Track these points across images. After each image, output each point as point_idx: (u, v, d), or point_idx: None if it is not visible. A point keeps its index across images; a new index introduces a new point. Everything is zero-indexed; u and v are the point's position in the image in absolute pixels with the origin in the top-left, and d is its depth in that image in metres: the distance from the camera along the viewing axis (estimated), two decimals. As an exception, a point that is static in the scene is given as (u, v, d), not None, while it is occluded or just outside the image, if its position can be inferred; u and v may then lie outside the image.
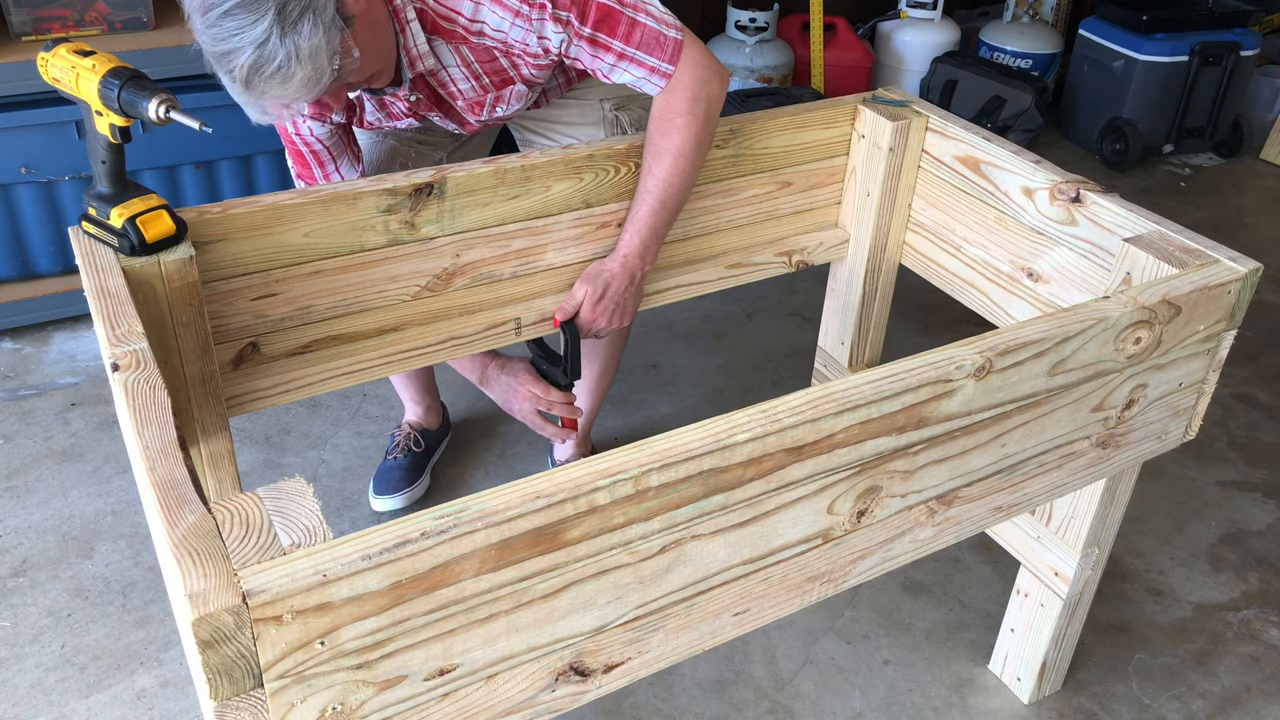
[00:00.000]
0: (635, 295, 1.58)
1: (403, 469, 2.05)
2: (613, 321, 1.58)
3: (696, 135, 1.49)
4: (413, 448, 2.08)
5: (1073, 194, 1.49)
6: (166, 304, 1.21)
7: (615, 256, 1.55)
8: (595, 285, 1.54)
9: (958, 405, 1.12)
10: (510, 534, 0.88)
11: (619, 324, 1.60)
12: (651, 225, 1.53)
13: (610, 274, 1.55)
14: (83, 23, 2.36)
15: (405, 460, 2.06)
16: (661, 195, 1.51)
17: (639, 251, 1.54)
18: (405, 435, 2.09)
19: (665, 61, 1.46)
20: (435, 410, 2.16)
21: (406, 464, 2.06)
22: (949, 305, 1.93)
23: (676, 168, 1.50)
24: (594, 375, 1.96)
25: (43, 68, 1.20)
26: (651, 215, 1.52)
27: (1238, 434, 2.37)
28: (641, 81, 1.48)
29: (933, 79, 3.66)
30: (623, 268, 1.55)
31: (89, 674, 1.69)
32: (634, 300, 1.59)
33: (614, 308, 1.57)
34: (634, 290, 1.57)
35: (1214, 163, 3.76)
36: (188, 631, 0.77)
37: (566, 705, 1.04)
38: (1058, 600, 1.58)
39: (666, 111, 1.49)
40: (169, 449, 0.91)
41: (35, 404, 2.27)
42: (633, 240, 1.54)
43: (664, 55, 1.45)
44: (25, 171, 2.30)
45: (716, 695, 1.70)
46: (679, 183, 1.51)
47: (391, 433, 2.13)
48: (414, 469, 2.07)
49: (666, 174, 1.50)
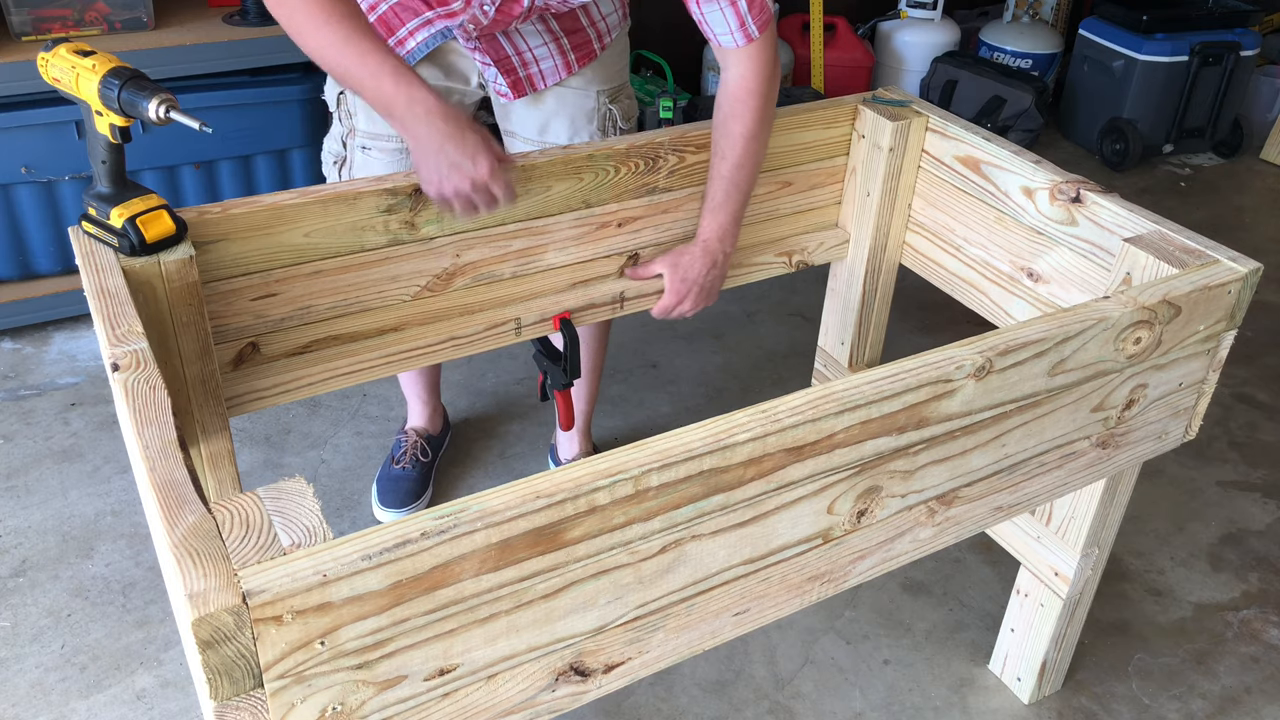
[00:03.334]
0: (719, 277, 1.62)
1: (410, 480, 2.04)
2: (698, 303, 1.61)
3: (770, 116, 1.53)
4: (420, 457, 2.07)
5: (1073, 194, 1.49)
6: (166, 304, 1.21)
7: (696, 242, 1.59)
8: (676, 271, 1.58)
9: (958, 405, 1.12)
10: (510, 534, 0.88)
11: (704, 304, 1.63)
12: (729, 209, 1.56)
13: (692, 258, 1.58)
14: (83, 23, 2.36)
15: (413, 471, 2.05)
16: (738, 179, 1.54)
17: (718, 236, 1.57)
18: (412, 444, 2.08)
19: (756, 25, 1.45)
20: (439, 413, 2.15)
21: (415, 475, 2.05)
22: (949, 305, 1.93)
23: (750, 150, 1.52)
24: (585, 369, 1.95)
25: (43, 68, 1.20)
26: (729, 199, 1.55)
27: (1238, 434, 2.37)
28: (726, 28, 1.45)
29: (933, 79, 3.66)
30: (704, 252, 1.58)
31: (89, 674, 1.69)
32: (718, 281, 1.62)
33: (698, 290, 1.60)
34: (717, 273, 1.60)
35: (1214, 163, 3.76)
36: (188, 631, 0.77)
37: (566, 705, 1.04)
38: (1058, 600, 1.58)
39: (741, 92, 1.50)
40: (169, 449, 0.91)
41: (35, 404, 2.27)
42: (711, 226, 1.57)
43: (758, 19, 1.45)
44: (25, 171, 2.30)
45: (716, 695, 1.70)
46: (753, 164, 1.54)
47: (397, 438, 2.11)
48: (421, 480, 2.06)
49: (741, 157, 1.52)
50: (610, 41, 1.65)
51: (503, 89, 1.61)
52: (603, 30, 1.63)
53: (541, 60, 1.58)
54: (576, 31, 1.59)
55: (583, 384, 2.01)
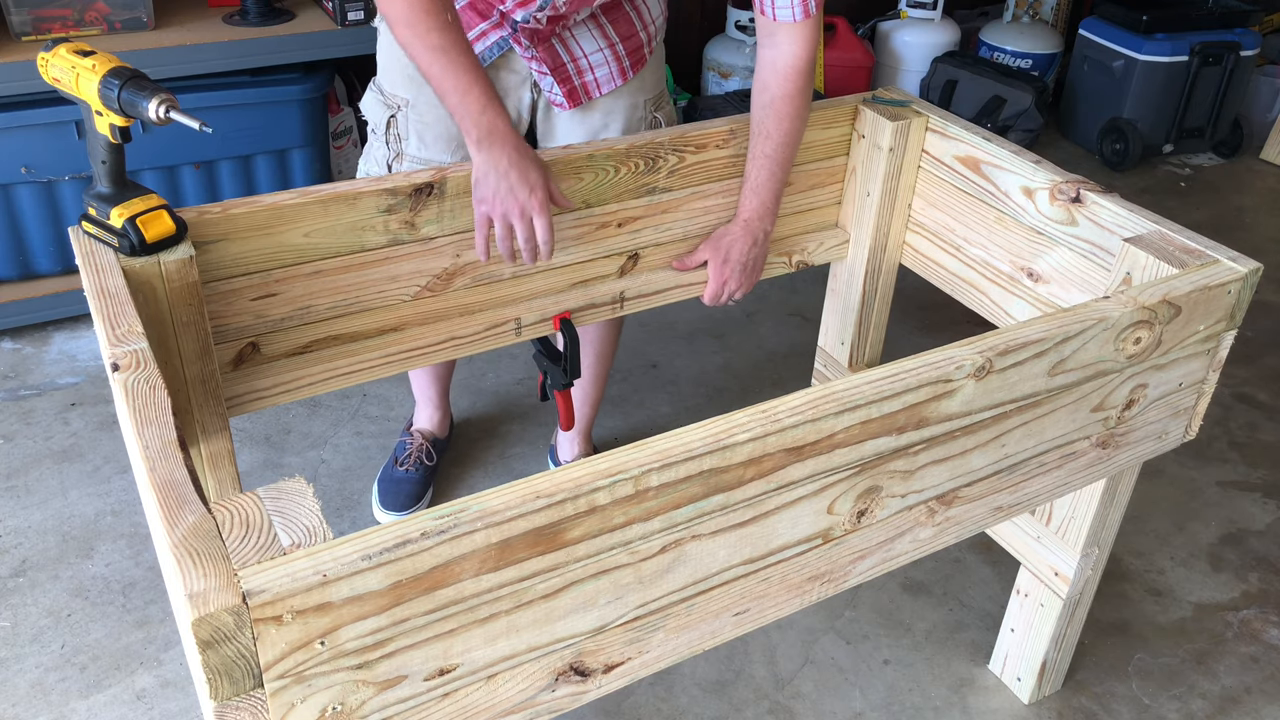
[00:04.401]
0: (762, 254, 1.63)
1: (413, 483, 2.04)
2: (742, 283, 1.62)
3: (810, 95, 1.55)
4: (424, 460, 2.07)
5: (1073, 194, 1.49)
6: (166, 304, 1.21)
7: (737, 222, 1.60)
8: (719, 250, 1.59)
9: (958, 405, 1.12)
10: (510, 534, 0.88)
11: (750, 284, 1.63)
12: (771, 188, 1.58)
13: (733, 238, 1.59)
14: (83, 23, 2.36)
15: (417, 474, 2.05)
16: (781, 158, 1.56)
17: (759, 215, 1.59)
18: (418, 446, 2.07)
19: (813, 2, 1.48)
20: (448, 416, 2.15)
21: (418, 478, 2.05)
22: (949, 305, 1.93)
23: (795, 129, 1.55)
24: (590, 365, 1.95)
25: (43, 68, 1.20)
26: (771, 178, 1.57)
27: (1238, 434, 2.37)
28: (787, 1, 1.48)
29: (933, 79, 3.66)
30: (745, 231, 1.59)
31: (89, 674, 1.69)
32: (760, 259, 1.63)
33: (741, 269, 1.60)
34: (759, 251, 1.62)
35: (1214, 163, 3.76)
36: (188, 631, 0.77)
37: (566, 705, 1.04)
38: (1058, 600, 1.58)
39: (792, 71, 1.52)
40: (169, 449, 0.91)
41: (35, 404, 2.27)
42: (753, 204, 1.58)
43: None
44: (25, 171, 2.30)
45: (716, 695, 1.70)
46: (796, 142, 1.57)
47: (401, 439, 2.11)
48: (424, 483, 2.05)
49: (787, 135, 1.54)
50: (657, 45, 1.69)
51: (558, 98, 1.61)
52: (653, 33, 1.66)
53: (597, 68, 1.60)
54: (630, 37, 1.61)
55: (587, 386, 2.00)
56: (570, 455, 2.12)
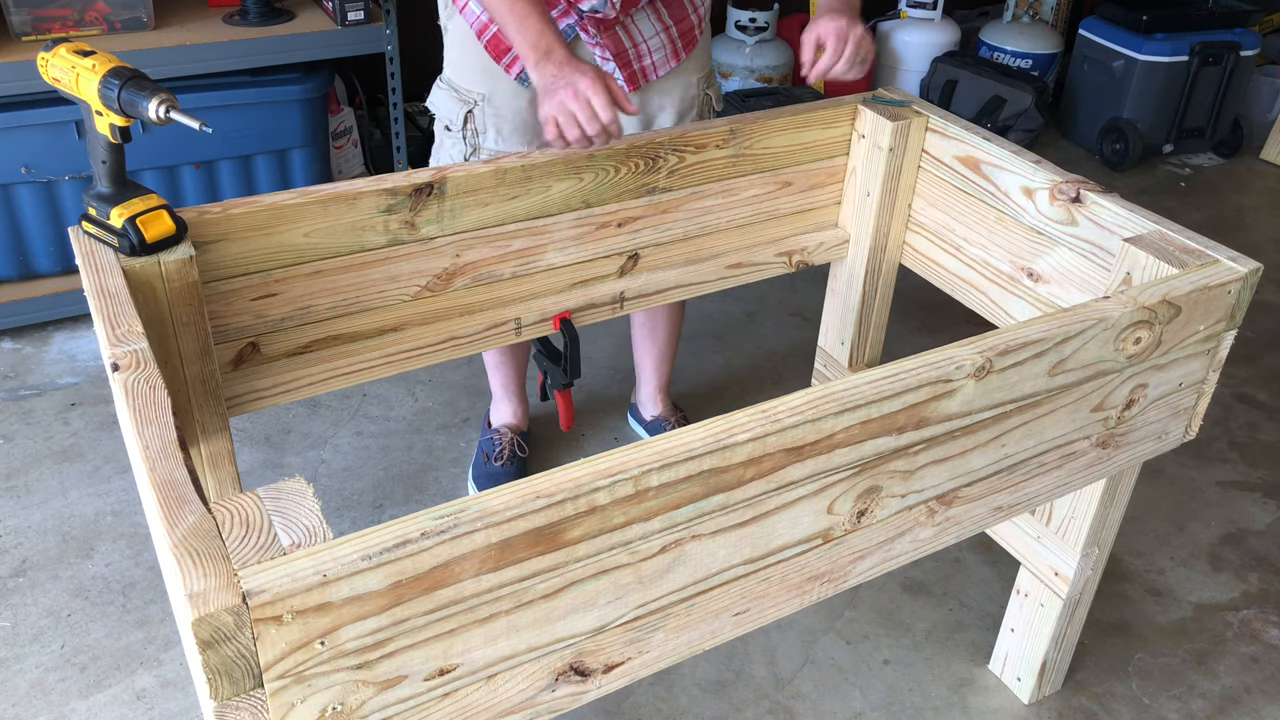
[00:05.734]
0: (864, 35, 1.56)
1: (513, 476, 2.04)
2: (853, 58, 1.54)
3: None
4: (518, 453, 2.11)
5: (1073, 194, 1.49)
6: (166, 304, 1.21)
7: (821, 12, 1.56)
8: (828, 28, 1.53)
9: (958, 405, 1.12)
10: (510, 534, 0.88)
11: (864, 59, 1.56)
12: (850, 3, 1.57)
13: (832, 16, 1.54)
14: (83, 23, 2.36)
15: (514, 469, 2.08)
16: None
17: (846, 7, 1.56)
18: (508, 441, 2.10)
19: None
20: (526, 407, 2.18)
21: (514, 471, 2.08)
22: (949, 305, 1.93)
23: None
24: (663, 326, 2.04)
25: (43, 68, 1.20)
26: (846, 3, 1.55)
27: (1238, 434, 2.37)
28: None
29: (933, 79, 3.66)
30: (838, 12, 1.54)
31: (89, 674, 1.69)
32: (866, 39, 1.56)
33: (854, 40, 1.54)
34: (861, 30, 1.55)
35: (1214, 163, 3.76)
36: (188, 631, 0.77)
37: (566, 705, 1.04)
38: (1058, 600, 1.58)
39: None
40: (169, 449, 0.91)
41: (35, 404, 2.27)
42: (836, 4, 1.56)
43: None
44: (25, 171, 2.30)
45: (716, 695, 1.70)
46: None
47: (489, 436, 2.12)
48: (522, 475, 2.05)
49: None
50: (705, 25, 1.75)
51: (620, 82, 1.66)
52: (702, 14, 1.74)
53: (655, 51, 1.68)
54: (683, 19, 1.70)
55: (662, 345, 2.09)
56: (653, 414, 2.19)
